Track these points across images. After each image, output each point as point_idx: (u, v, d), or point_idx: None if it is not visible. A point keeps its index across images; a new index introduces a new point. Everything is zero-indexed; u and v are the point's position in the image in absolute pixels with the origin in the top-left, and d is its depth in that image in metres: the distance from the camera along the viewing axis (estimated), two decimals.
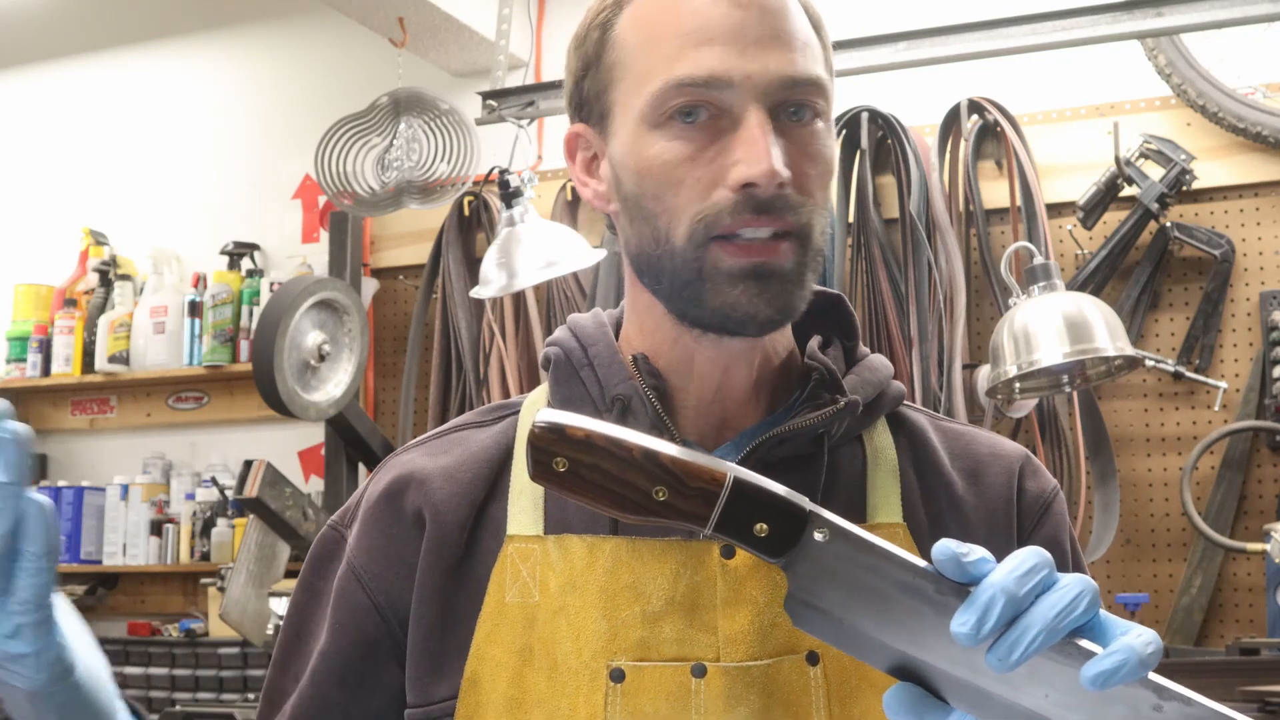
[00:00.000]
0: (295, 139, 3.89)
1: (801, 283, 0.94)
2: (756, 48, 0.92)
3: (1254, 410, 2.87)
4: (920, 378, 2.90)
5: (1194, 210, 2.97)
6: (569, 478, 0.73)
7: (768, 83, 0.92)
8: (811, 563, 0.75)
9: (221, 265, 3.91)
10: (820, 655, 0.92)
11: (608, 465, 0.73)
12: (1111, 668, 0.68)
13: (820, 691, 0.91)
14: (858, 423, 1.00)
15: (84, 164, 4.31)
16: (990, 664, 0.69)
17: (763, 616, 0.92)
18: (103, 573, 3.97)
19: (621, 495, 0.73)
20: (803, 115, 0.94)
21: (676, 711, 0.90)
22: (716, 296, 0.92)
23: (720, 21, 0.92)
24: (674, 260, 0.93)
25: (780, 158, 0.90)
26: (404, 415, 3.50)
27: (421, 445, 1.04)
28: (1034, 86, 3.10)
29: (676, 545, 0.93)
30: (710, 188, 0.92)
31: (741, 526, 0.74)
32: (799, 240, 0.93)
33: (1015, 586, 0.69)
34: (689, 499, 0.73)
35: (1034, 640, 0.68)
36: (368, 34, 3.55)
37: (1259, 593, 2.83)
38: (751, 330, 0.94)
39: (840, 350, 1.03)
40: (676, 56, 0.92)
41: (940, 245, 2.95)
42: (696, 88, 0.91)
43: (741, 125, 0.91)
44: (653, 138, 0.94)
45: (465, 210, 3.53)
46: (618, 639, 0.92)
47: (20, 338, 4.11)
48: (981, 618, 0.69)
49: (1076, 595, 0.69)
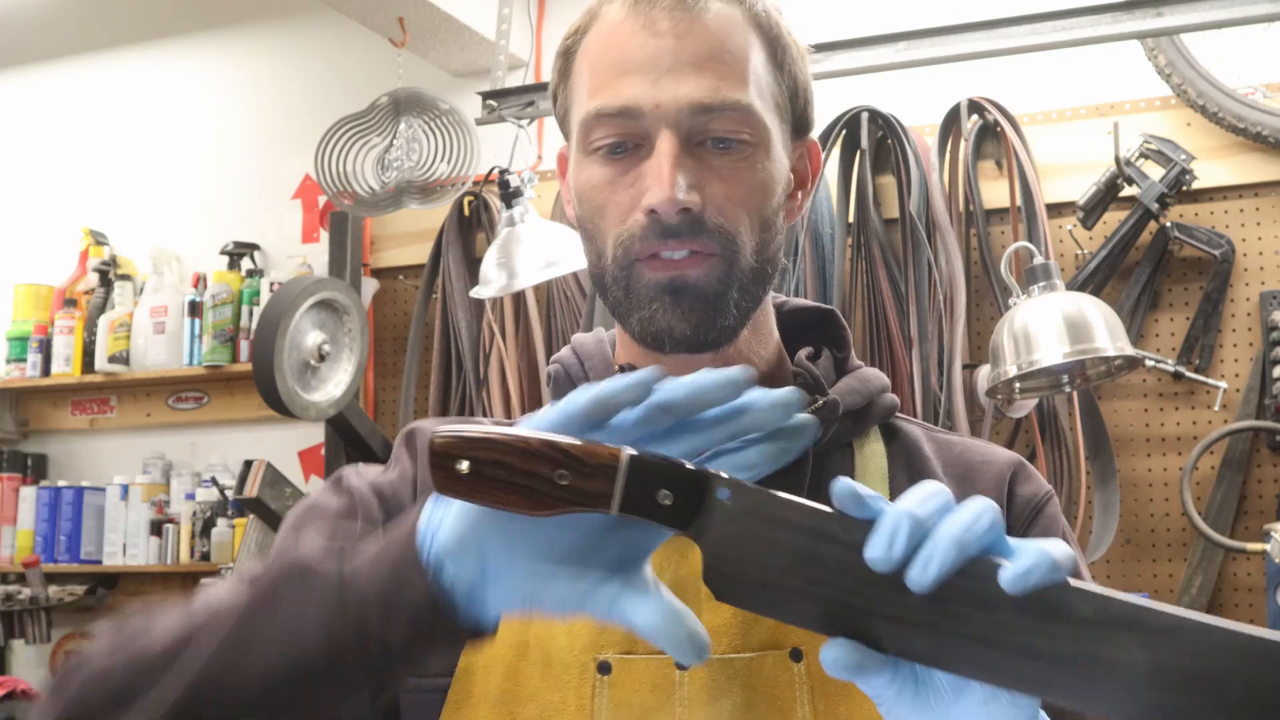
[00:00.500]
0: (295, 139, 3.89)
1: (723, 303, 0.96)
2: (669, 76, 0.95)
3: (1254, 410, 2.87)
4: (920, 378, 2.90)
5: (1194, 210, 2.97)
6: (473, 479, 0.73)
7: (677, 109, 0.94)
8: (719, 526, 0.75)
9: (221, 265, 3.91)
10: (804, 652, 0.93)
11: (510, 459, 0.73)
12: (1027, 566, 0.69)
13: (804, 687, 0.93)
14: (847, 430, 1.01)
15: (84, 164, 4.31)
16: (911, 583, 0.70)
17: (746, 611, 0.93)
18: (103, 573, 3.97)
19: (526, 487, 0.74)
20: (728, 146, 0.96)
21: (661, 703, 0.92)
22: (638, 311, 0.96)
23: (636, 52, 0.96)
24: (607, 278, 0.98)
25: (684, 185, 0.93)
26: (404, 415, 3.50)
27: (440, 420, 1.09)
28: (1034, 86, 3.10)
29: None
30: (628, 212, 0.96)
31: (646, 500, 0.74)
32: (722, 261, 0.95)
33: (917, 509, 0.71)
34: (590, 478, 0.74)
35: (946, 553, 0.70)
36: (368, 34, 3.55)
37: (1259, 593, 2.83)
38: (670, 346, 0.96)
39: (830, 361, 1.05)
40: (600, 87, 0.97)
41: (940, 245, 2.95)
42: (612, 117, 0.95)
43: (654, 153, 0.95)
44: (586, 163, 0.99)
45: (465, 210, 3.53)
46: (606, 632, 0.94)
47: (20, 338, 4.11)
48: (891, 539, 0.70)
49: (978, 511, 0.71)
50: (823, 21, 3.08)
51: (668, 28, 0.95)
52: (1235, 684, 0.70)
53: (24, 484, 4.10)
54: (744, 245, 0.96)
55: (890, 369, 2.95)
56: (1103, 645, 0.71)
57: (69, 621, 4.07)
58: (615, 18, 0.98)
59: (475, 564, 0.74)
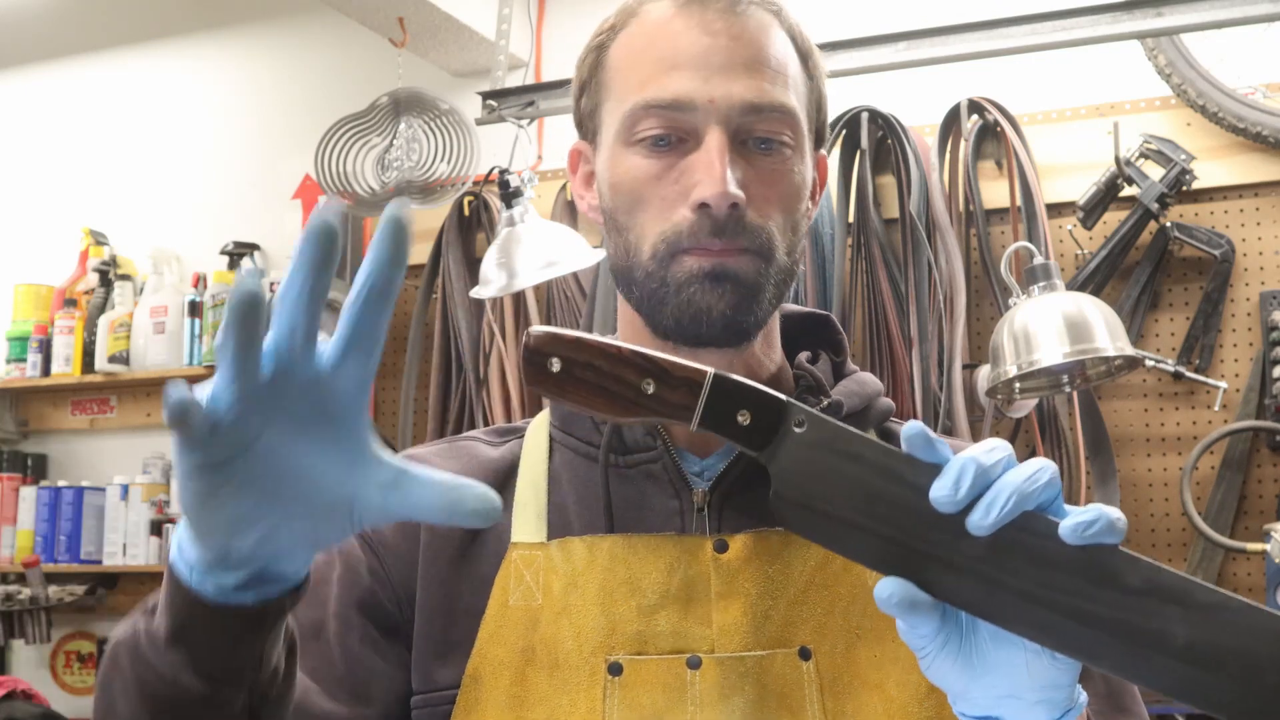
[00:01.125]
0: (295, 139, 3.89)
1: (760, 293, 0.98)
2: (722, 74, 0.97)
3: (1254, 410, 2.87)
4: (920, 378, 2.89)
5: (1194, 210, 2.97)
6: (563, 377, 0.76)
7: (729, 107, 0.96)
8: (792, 453, 0.78)
9: (221, 265, 3.91)
10: (813, 651, 0.94)
11: (599, 362, 0.76)
12: (1088, 519, 0.73)
13: (813, 686, 0.93)
14: None
15: (84, 164, 4.31)
16: (972, 526, 0.73)
17: (755, 608, 0.94)
18: (103, 573, 3.97)
19: (613, 391, 0.76)
20: (770, 147, 0.98)
21: (673, 703, 0.92)
22: (676, 295, 0.96)
23: (689, 48, 0.97)
24: (642, 272, 0.98)
25: (734, 180, 0.95)
26: (404, 415, 3.50)
27: (432, 447, 1.08)
28: (1034, 86, 3.10)
29: (671, 540, 0.96)
30: (672, 207, 0.97)
31: (725, 417, 0.78)
32: (759, 257, 0.97)
33: (984, 458, 0.74)
34: (675, 390, 0.77)
35: (1008, 500, 0.73)
36: (368, 34, 3.55)
37: (1259, 593, 2.83)
38: (708, 329, 0.97)
39: (829, 364, 1.07)
40: (648, 80, 0.98)
41: (940, 245, 2.95)
42: (662, 109, 0.97)
43: (702, 148, 0.96)
44: (625, 155, 0.99)
45: (465, 210, 3.53)
46: (615, 633, 0.94)
47: (20, 338, 4.11)
48: (957, 481, 0.73)
49: (1040, 468, 0.74)
50: (823, 21, 3.07)
51: (721, 28, 0.98)
52: (1272, 670, 0.71)
53: (24, 484, 4.10)
54: (778, 245, 0.98)
55: (890, 369, 2.95)
56: (1148, 616, 0.72)
57: (69, 621, 4.07)
58: (662, 15, 1.00)
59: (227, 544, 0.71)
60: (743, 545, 0.96)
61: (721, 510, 0.98)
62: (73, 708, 3.91)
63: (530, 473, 1.03)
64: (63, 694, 4.02)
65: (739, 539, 0.96)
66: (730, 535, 0.96)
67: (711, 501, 0.98)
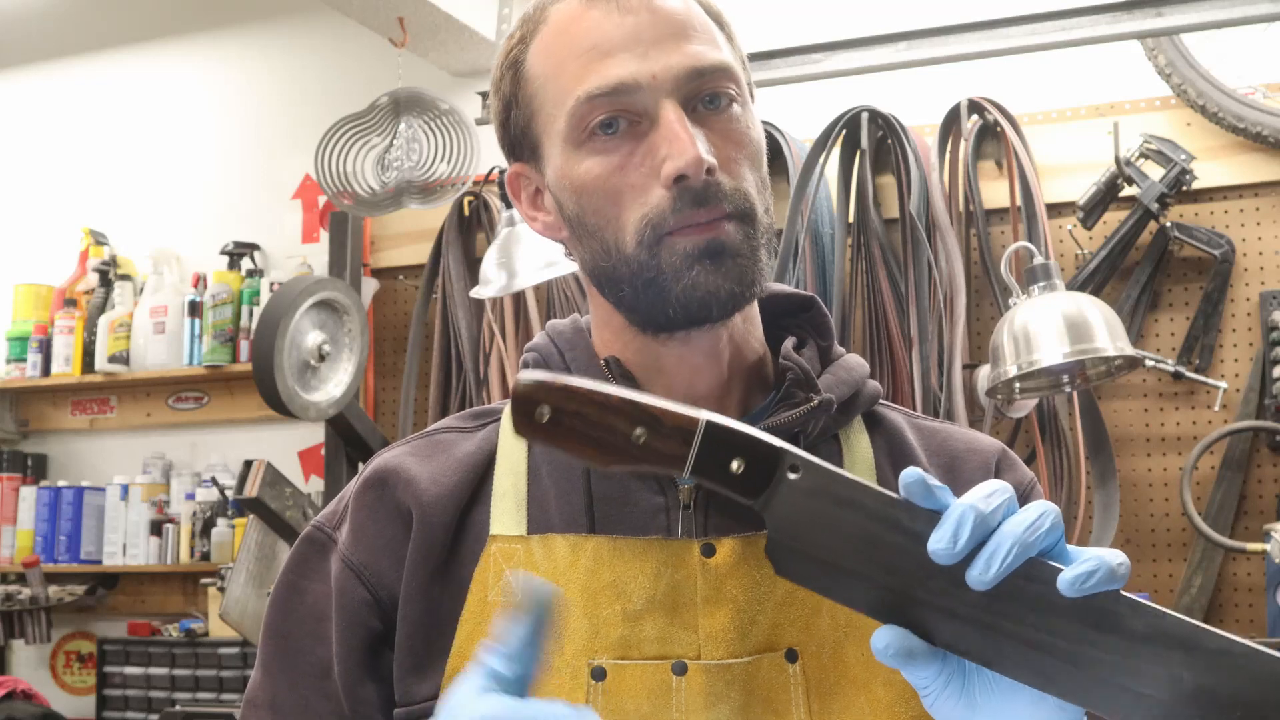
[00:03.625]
0: (295, 139, 3.89)
1: (755, 258, 0.95)
2: (656, 48, 0.95)
3: (1254, 410, 2.87)
4: (920, 378, 2.90)
5: (1194, 210, 2.97)
6: (552, 427, 0.75)
7: (674, 77, 0.94)
8: (787, 502, 0.76)
9: (221, 265, 3.91)
10: (799, 653, 0.93)
11: (588, 411, 0.74)
12: (1087, 571, 0.71)
13: (800, 689, 0.92)
14: (834, 421, 1.01)
15: (84, 164, 4.31)
16: (971, 581, 0.72)
17: (743, 615, 0.93)
18: (103, 573, 3.97)
19: (603, 440, 0.75)
20: (718, 103, 0.96)
21: (658, 709, 0.91)
22: (677, 283, 0.94)
23: (614, 31, 0.95)
24: (629, 266, 0.95)
25: (704, 145, 0.93)
26: (404, 415, 3.50)
27: (406, 445, 1.05)
28: (1034, 86, 3.10)
29: (657, 544, 0.94)
30: (646, 190, 0.94)
31: (718, 466, 0.75)
32: (742, 220, 0.95)
33: (983, 505, 0.72)
34: (667, 439, 0.74)
35: (1008, 552, 0.71)
36: (368, 34, 3.55)
37: (1259, 593, 2.83)
38: (716, 311, 0.94)
39: (815, 351, 1.04)
40: (583, 74, 0.95)
41: (940, 245, 2.95)
42: (607, 97, 0.94)
43: (660, 123, 0.94)
44: (579, 156, 0.96)
45: (465, 210, 3.53)
46: (599, 637, 0.92)
47: (20, 338, 4.11)
48: (955, 532, 0.72)
49: (1041, 514, 0.73)
50: (823, 21, 3.07)
51: (639, 4, 0.96)
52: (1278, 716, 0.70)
53: (24, 484, 4.10)
54: (756, 204, 0.96)
55: (890, 369, 2.95)
56: (1153, 661, 0.71)
57: (69, 621, 4.07)
58: (572, 11, 0.97)
59: None
60: (730, 550, 0.93)
61: (708, 508, 0.96)
62: (72, 708, 3.91)
63: (508, 459, 1.00)
64: (63, 694, 4.02)
65: (726, 543, 0.93)
66: (718, 539, 0.94)
67: (697, 499, 0.96)
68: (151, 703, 3.59)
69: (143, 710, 3.63)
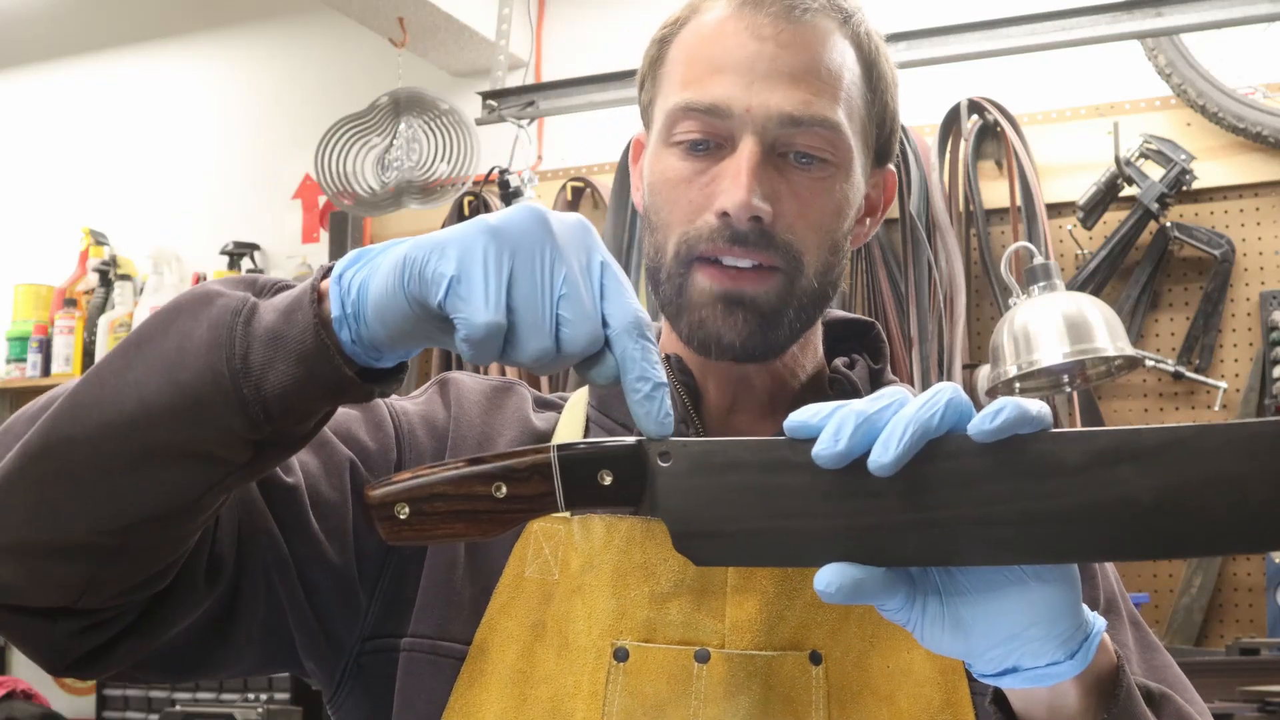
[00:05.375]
0: (295, 139, 3.89)
1: (778, 319, 0.95)
2: (763, 82, 0.94)
3: (1254, 410, 2.87)
4: (920, 378, 2.90)
5: (1194, 210, 2.97)
6: (416, 518, 0.73)
7: (766, 117, 0.94)
8: (670, 489, 0.73)
9: (221, 265, 3.91)
10: (824, 656, 0.92)
11: (442, 489, 0.73)
12: (994, 409, 0.67)
13: (821, 692, 0.91)
14: None
15: (84, 164, 4.31)
16: (873, 468, 0.68)
17: (771, 607, 0.92)
18: None
19: (472, 511, 0.73)
20: (809, 162, 0.95)
21: (677, 695, 0.90)
22: (691, 314, 0.95)
23: (737, 52, 0.95)
24: (665, 273, 0.97)
25: (759, 192, 0.92)
26: None
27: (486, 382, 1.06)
28: (1034, 86, 3.10)
29: None
30: (698, 211, 0.95)
31: (589, 487, 0.73)
32: (785, 278, 0.95)
33: (865, 406, 0.70)
34: (527, 482, 0.73)
35: (904, 431, 0.68)
36: (368, 34, 3.55)
37: (1259, 593, 2.83)
38: (716, 354, 0.95)
39: (866, 370, 1.06)
40: (692, 81, 0.96)
41: (940, 245, 2.95)
42: (700, 113, 0.95)
43: (734, 155, 0.94)
44: (664, 154, 0.98)
45: (465, 210, 3.53)
46: (625, 618, 0.92)
47: (20, 338, 4.11)
48: (836, 433, 0.69)
49: (935, 391, 0.69)
50: None
51: (770, 34, 0.95)
52: (1256, 483, 0.65)
53: None
54: (808, 265, 0.96)
55: (890, 369, 2.95)
56: (1103, 487, 0.66)
57: None
58: (718, 15, 0.98)
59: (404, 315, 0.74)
60: None
61: None
62: (72, 708, 3.91)
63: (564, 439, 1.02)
64: (63, 694, 4.02)
65: None
66: None
67: None
68: (151, 703, 3.59)
69: (143, 710, 3.63)
